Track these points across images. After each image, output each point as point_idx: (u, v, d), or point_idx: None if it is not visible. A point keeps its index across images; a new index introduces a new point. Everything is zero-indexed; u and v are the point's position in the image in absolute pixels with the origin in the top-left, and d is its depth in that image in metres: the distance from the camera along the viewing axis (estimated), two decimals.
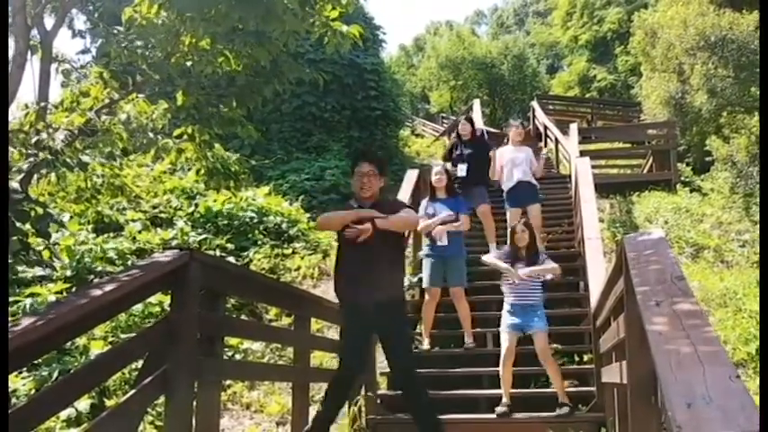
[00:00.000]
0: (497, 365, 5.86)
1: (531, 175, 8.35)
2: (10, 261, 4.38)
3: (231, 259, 8.51)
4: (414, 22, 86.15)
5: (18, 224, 3.70)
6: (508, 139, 8.92)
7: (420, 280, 8.34)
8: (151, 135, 5.91)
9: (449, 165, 8.04)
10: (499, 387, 5.88)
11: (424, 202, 7.29)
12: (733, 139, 12.38)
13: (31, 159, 4.33)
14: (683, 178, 13.80)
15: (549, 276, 5.99)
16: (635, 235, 3.56)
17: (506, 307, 5.96)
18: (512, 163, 8.33)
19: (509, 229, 6.42)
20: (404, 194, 8.61)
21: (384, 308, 4.46)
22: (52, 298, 6.29)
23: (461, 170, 8.32)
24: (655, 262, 2.91)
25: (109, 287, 2.86)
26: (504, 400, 5.79)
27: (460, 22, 50.26)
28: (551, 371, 5.81)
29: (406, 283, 7.94)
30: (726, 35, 14.92)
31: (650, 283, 2.66)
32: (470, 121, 9.08)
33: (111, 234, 8.89)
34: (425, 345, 6.95)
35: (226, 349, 6.21)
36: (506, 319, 5.90)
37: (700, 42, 15.28)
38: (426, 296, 7.02)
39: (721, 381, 1.74)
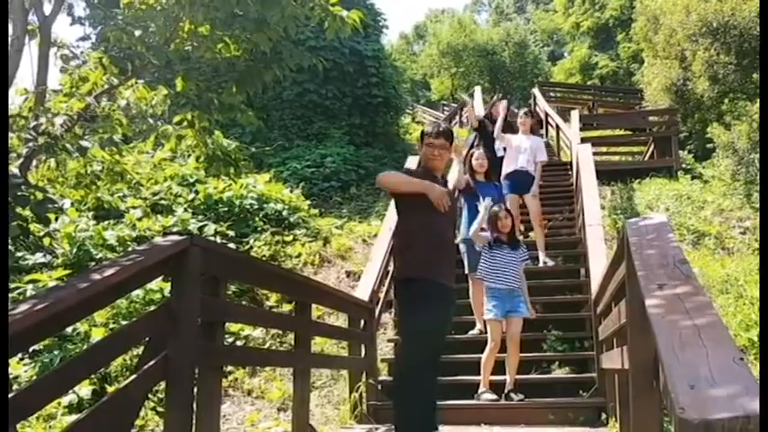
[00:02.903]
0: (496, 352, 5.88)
1: (533, 165, 8.32)
2: (11, 247, 4.38)
3: (231, 246, 8.49)
4: (414, 9, 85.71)
5: (18, 209, 3.69)
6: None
7: None
8: (151, 121, 5.89)
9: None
10: (500, 373, 5.90)
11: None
12: (734, 125, 12.33)
13: (30, 144, 4.31)
14: (684, 165, 13.79)
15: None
16: (637, 219, 3.54)
17: (489, 293, 5.97)
18: (516, 150, 8.30)
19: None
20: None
21: (450, 287, 4.45)
22: (53, 284, 6.29)
23: (499, 150, 8.36)
24: (657, 246, 2.89)
25: (108, 272, 2.85)
26: (483, 388, 5.82)
27: (459, 10, 50.03)
28: (513, 360, 5.82)
29: None
30: (728, 21, 14.84)
31: (652, 267, 2.65)
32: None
33: (112, 221, 8.87)
34: (478, 329, 6.85)
35: (226, 335, 6.21)
36: (492, 307, 5.88)
37: (702, 28, 15.21)
38: (471, 283, 6.90)
39: (725, 363, 1.73)
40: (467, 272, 6.91)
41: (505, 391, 5.79)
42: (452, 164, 4.91)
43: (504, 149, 8.45)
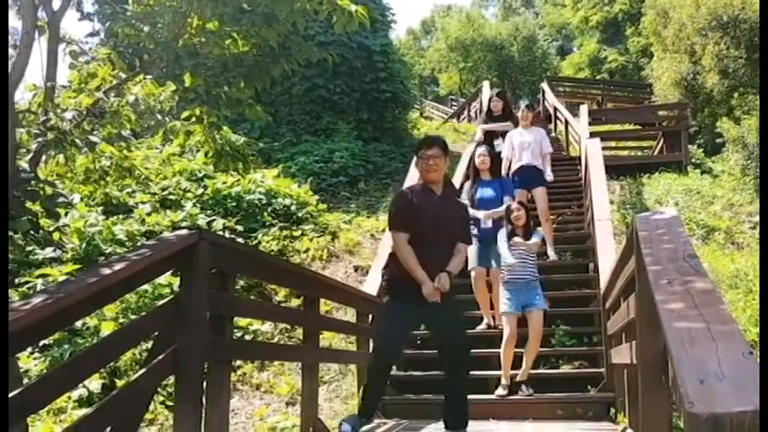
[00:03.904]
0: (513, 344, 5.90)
1: (539, 159, 8.24)
2: (20, 242, 4.41)
3: (240, 241, 8.51)
4: (420, 5, 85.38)
5: (28, 204, 3.71)
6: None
7: None
8: (159, 117, 5.89)
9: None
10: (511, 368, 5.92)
11: (467, 186, 7.18)
12: (744, 120, 12.27)
13: (40, 140, 4.32)
14: (693, 160, 13.72)
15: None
16: (647, 214, 3.54)
17: (505, 286, 5.97)
18: (520, 147, 8.24)
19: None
20: (413, 177, 8.58)
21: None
22: (63, 279, 6.32)
23: (499, 146, 8.21)
24: (667, 241, 2.89)
25: (117, 266, 2.86)
26: (504, 381, 5.84)
27: (466, 5, 49.77)
28: (533, 353, 5.83)
29: None
30: (738, 15, 14.77)
31: (662, 262, 2.64)
32: (502, 96, 8.97)
33: (121, 216, 8.91)
34: (486, 323, 6.87)
35: (235, 330, 6.23)
36: (506, 300, 5.91)
37: (712, 22, 15.14)
38: (473, 276, 6.87)
39: (734, 357, 1.72)
40: (471, 267, 6.90)
41: (517, 379, 5.79)
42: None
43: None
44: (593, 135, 11.70)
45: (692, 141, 15.18)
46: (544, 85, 21.77)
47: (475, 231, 6.86)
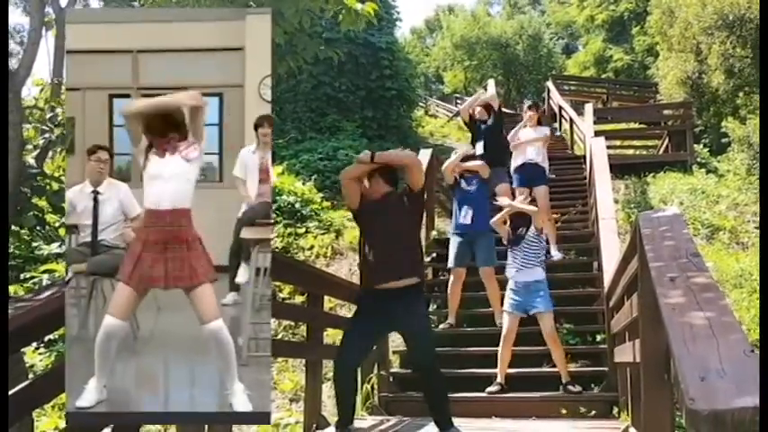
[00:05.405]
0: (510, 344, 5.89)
1: (541, 157, 8.20)
2: (26, 237, 4.44)
3: None
4: (425, 4, 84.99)
5: (34, 200, 3.73)
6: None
7: (434, 259, 8.33)
8: None
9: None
10: (512, 366, 5.92)
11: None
12: (750, 119, 12.23)
13: (47, 136, 4.35)
14: (699, 159, 13.67)
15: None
16: (650, 212, 3.55)
17: (510, 284, 5.96)
18: (524, 144, 8.21)
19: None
20: None
21: (405, 293, 4.25)
22: None
23: (479, 148, 8.13)
24: (670, 238, 2.89)
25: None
26: (499, 379, 5.83)
27: (471, 5, 49.61)
28: (556, 354, 5.81)
29: None
30: (744, 14, 14.72)
31: (665, 260, 2.65)
32: (486, 106, 8.96)
33: None
34: (448, 323, 6.85)
35: None
36: (509, 299, 5.89)
37: (718, 21, 15.09)
38: (451, 277, 6.85)
39: (735, 354, 1.73)
40: (450, 266, 6.87)
41: (563, 381, 5.79)
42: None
43: (485, 147, 8.14)
44: (597, 134, 11.66)
45: (697, 140, 15.12)
46: (549, 84, 21.74)
47: (455, 228, 6.87)
